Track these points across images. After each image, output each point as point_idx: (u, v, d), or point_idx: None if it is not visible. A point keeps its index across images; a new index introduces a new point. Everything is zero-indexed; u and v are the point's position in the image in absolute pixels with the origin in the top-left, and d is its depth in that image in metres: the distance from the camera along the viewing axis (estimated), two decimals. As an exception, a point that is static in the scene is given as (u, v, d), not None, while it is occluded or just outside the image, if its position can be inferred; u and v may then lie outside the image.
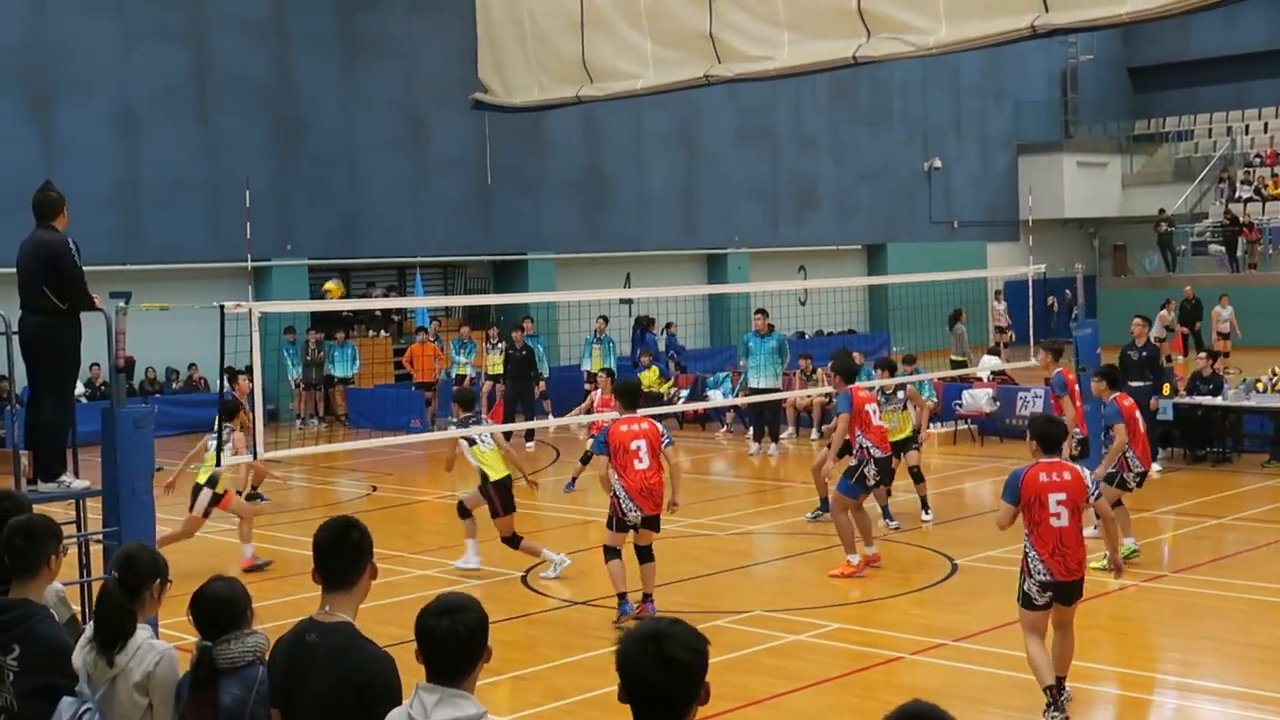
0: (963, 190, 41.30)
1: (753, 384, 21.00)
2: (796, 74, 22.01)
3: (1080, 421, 13.75)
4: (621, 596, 11.11)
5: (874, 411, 13.05)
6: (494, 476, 12.72)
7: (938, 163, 40.35)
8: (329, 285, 21.52)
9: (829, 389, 20.28)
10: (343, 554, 4.83)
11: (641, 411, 16.29)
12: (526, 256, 31.44)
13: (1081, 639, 10.69)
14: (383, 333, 30.05)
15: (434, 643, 4.22)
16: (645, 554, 11.36)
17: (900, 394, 15.50)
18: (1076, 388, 14.37)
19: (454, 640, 4.20)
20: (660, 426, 11.55)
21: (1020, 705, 9.27)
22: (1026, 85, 43.47)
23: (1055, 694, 8.44)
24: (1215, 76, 45.08)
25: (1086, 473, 8.69)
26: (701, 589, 12.68)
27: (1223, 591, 11.81)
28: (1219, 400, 18.21)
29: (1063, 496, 8.46)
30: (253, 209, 24.35)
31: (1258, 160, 42.59)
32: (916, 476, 15.50)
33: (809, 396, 22.70)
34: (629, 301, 30.41)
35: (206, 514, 13.71)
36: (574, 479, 18.12)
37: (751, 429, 22.07)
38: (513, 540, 12.78)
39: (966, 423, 22.14)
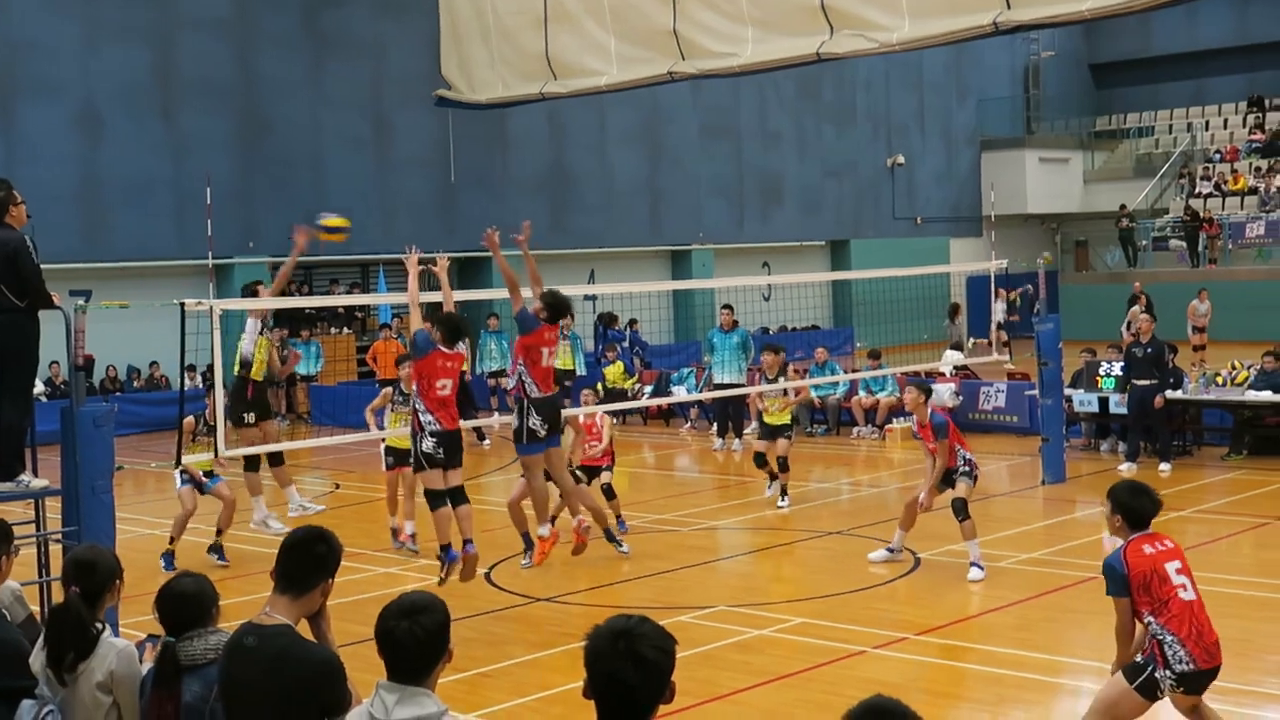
0: (926, 186, 41.47)
1: (717, 380, 21.04)
2: (760, 70, 22.05)
3: (952, 459, 12.99)
4: (444, 547, 10.98)
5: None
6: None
7: (901, 159, 40.51)
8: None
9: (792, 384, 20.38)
10: (304, 562, 4.82)
11: (605, 407, 16.32)
12: (490, 253, 31.34)
13: (1044, 629, 10.78)
14: (346, 330, 29.94)
15: (395, 644, 4.22)
16: (459, 495, 11.08)
17: (783, 379, 15.78)
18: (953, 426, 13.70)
19: (414, 642, 4.21)
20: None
21: (982, 698, 9.33)
22: (989, 82, 43.68)
23: None
24: (1176, 73, 45.45)
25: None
26: (666, 585, 12.69)
27: (1183, 584, 11.89)
28: (1179, 394, 18.34)
29: (1179, 564, 7.04)
30: (216, 207, 24.16)
31: (1218, 156, 42.92)
32: (783, 466, 15.73)
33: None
34: (593, 298, 30.41)
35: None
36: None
37: (715, 425, 22.11)
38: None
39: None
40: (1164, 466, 17.52)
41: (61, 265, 24.44)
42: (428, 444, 10.93)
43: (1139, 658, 7.06)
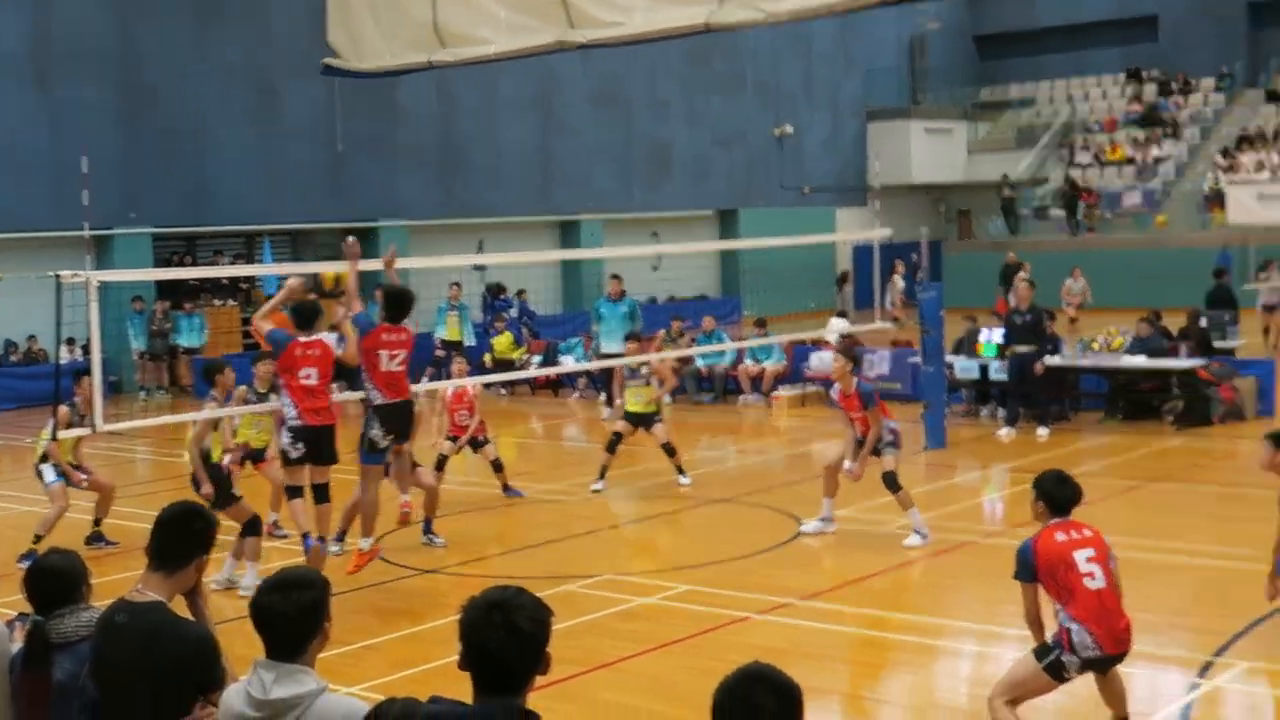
0: (813, 156, 41.79)
1: (604, 349, 21.07)
2: (650, 40, 22.00)
3: (888, 414, 13.14)
4: (305, 535, 11.06)
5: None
6: None
7: (789, 129, 40.76)
8: None
9: (684, 352, 20.48)
10: (179, 538, 4.76)
11: (495, 377, 16.24)
12: (379, 224, 31.09)
13: (924, 593, 10.99)
14: (230, 301, 29.53)
15: (269, 620, 4.20)
16: (321, 493, 11.03)
17: (644, 369, 15.44)
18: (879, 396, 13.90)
19: (286, 619, 4.19)
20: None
21: (865, 660, 9.51)
22: (876, 53, 44.06)
23: None
24: (1057, 45, 46.23)
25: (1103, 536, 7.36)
26: (553, 554, 12.74)
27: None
28: (1057, 360, 18.72)
29: (1091, 553, 7.11)
30: (95, 178, 23.58)
31: (1097, 127, 43.77)
32: (669, 450, 15.34)
33: (664, 360, 22.81)
34: (482, 268, 30.27)
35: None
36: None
37: (603, 394, 22.16)
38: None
39: (815, 384, 22.47)
40: (1042, 431, 17.90)
41: (-67, 236, 23.86)
42: (285, 439, 10.90)
43: (1049, 638, 7.18)
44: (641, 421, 15.42)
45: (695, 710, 8.26)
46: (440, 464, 14.40)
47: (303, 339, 11.14)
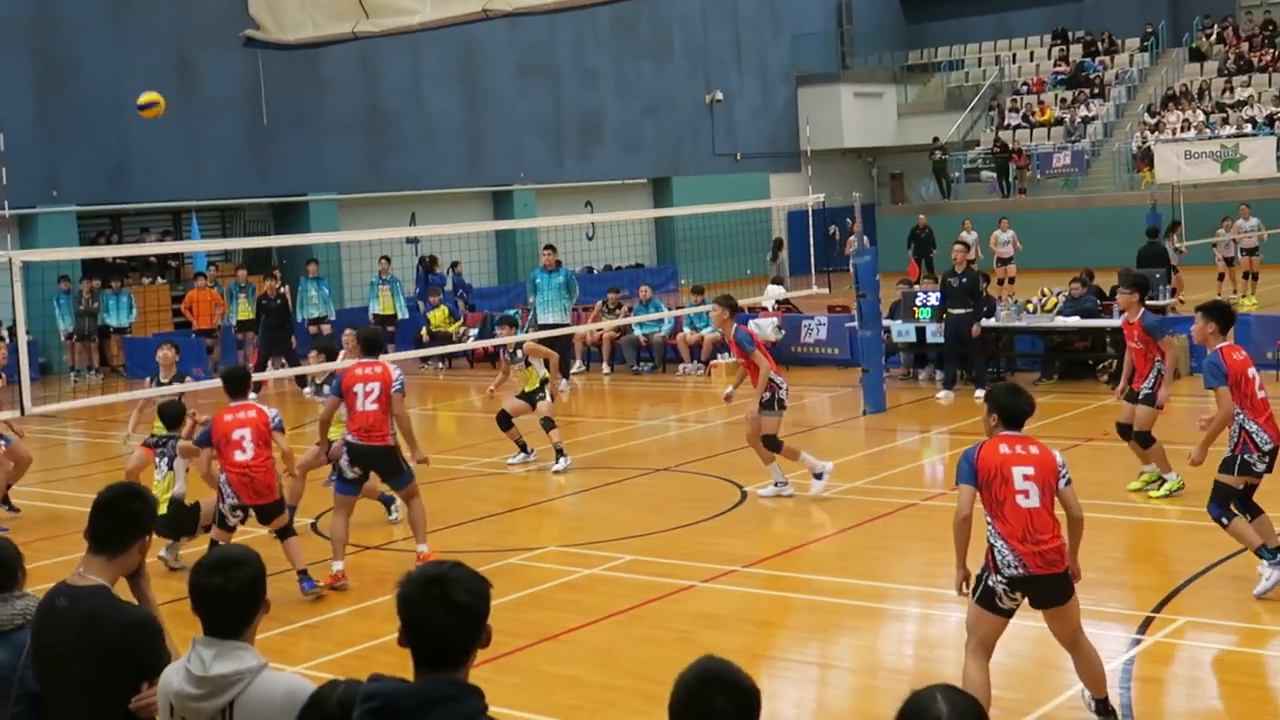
0: (744, 122, 41.75)
1: (541, 320, 20.95)
2: (575, 8, 21.94)
3: (777, 368, 13.27)
4: (302, 573, 10.27)
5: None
6: None
7: (719, 95, 40.69)
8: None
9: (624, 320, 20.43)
10: (117, 520, 4.68)
11: (431, 350, 16.02)
12: (307, 198, 30.76)
13: (867, 557, 11.01)
14: (159, 279, 29.11)
15: (208, 599, 4.16)
16: (283, 533, 10.45)
17: (520, 352, 15.31)
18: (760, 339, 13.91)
19: (225, 597, 4.15)
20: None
21: (808, 625, 9.50)
22: (803, 17, 44.05)
23: (1104, 710, 7.20)
24: (983, 7, 46.36)
25: (1059, 454, 7.17)
26: (494, 527, 12.65)
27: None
28: (992, 321, 18.82)
29: (1030, 470, 6.97)
30: (14, 154, 23.19)
31: (1025, 88, 44.03)
32: (548, 425, 14.99)
33: (600, 330, 22.77)
34: (415, 241, 30.03)
35: None
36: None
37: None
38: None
39: (753, 352, 22.47)
40: (979, 393, 17.94)
41: None
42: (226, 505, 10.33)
43: (978, 570, 7.11)
44: (531, 399, 15.13)
45: (641, 680, 8.27)
46: None
47: (231, 404, 10.51)
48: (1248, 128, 36.79)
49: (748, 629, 9.25)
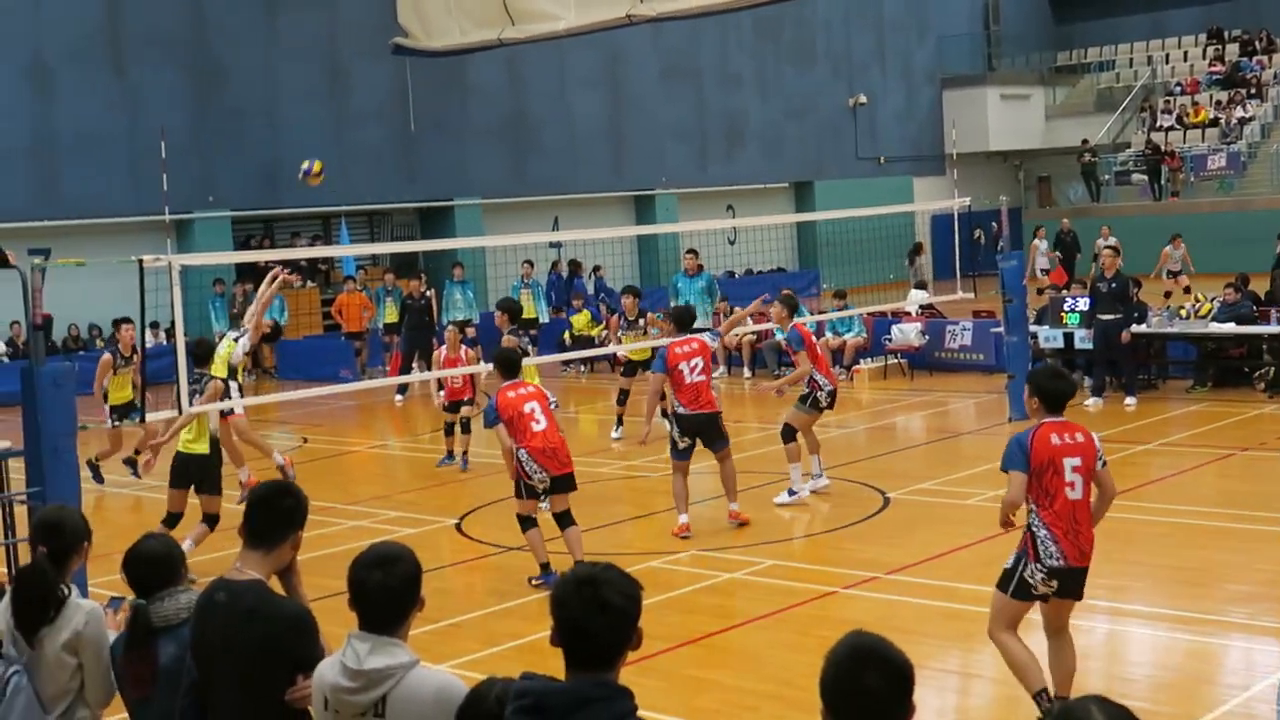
0: (888, 125, 41.39)
1: (684, 325, 20.94)
2: (721, 12, 21.93)
3: (827, 371, 13.46)
4: (544, 566, 10.68)
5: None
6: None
7: (863, 98, 40.39)
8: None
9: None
10: (271, 515, 4.78)
11: (573, 354, 16.63)
12: (453, 203, 31.21)
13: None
14: (310, 283, 29.75)
15: (365, 594, 4.22)
16: (564, 519, 10.77)
17: (642, 321, 17.06)
18: (814, 340, 14.01)
19: (385, 592, 4.22)
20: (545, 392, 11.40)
21: (950, 634, 9.39)
22: (949, 19, 43.54)
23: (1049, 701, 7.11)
24: (1135, 6, 45.36)
25: (1095, 436, 7.26)
26: (636, 530, 12.71)
27: (1150, 516, 11.99)
28: (1144, 328, 18.41)
29: (1078, 462, 7.01)
30: (172, 161, 23.89)
31: (1178, 89, 42.97)
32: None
33: (738, 336, 22.71)
34: (558, 245, 30.28)
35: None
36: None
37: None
38: None
39: (896, 357, 22.29)
40: (1129, 400, 17.61)
41: (16, 224, 24.20)
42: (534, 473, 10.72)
43: (1009, 561, 7.15)
44: (634, 370, 16.86)
45: (783, 685, 8.24)
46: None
47: (509, 382, 10.92)
48: None
49: (890, 636, 9.14)
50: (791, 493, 13.18)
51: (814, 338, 13.81)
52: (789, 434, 13.18)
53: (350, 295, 25.86)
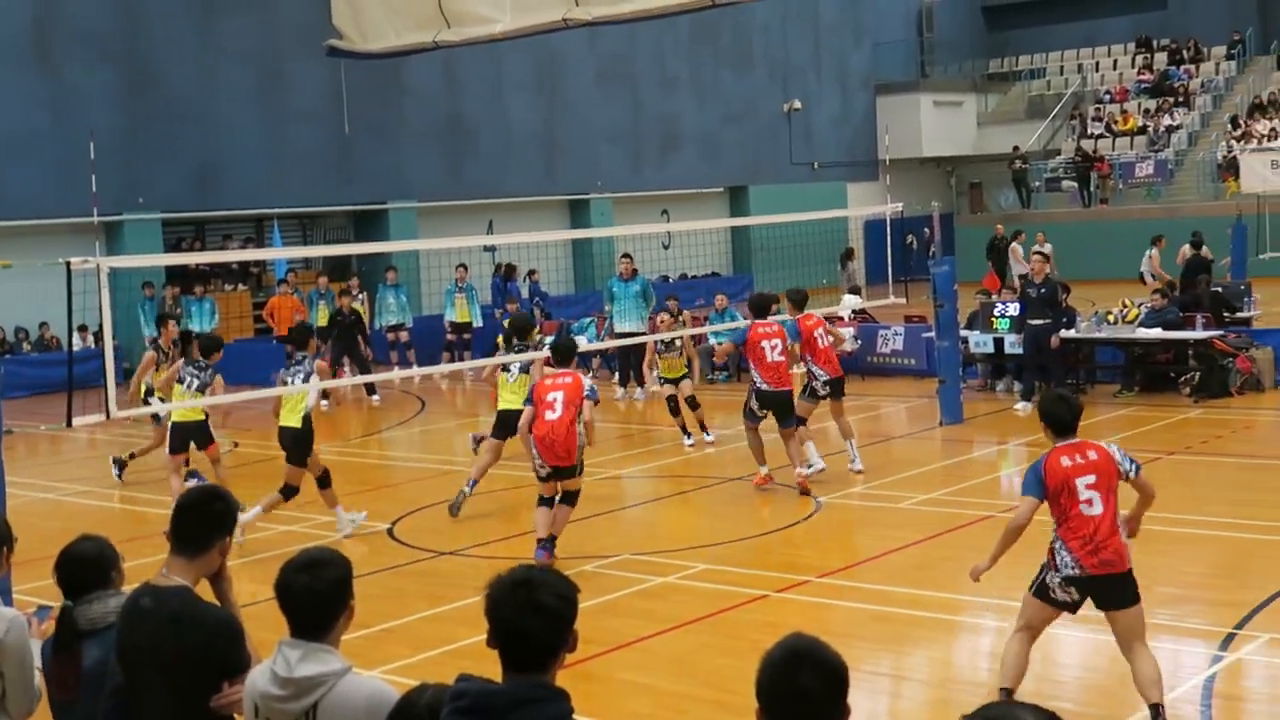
0: (823, 131, 41.62)
1: (618, 329, 21.01)
2: (655, 16, 21.95)
3: (825, 362, 14.10)
4: (539, 540, 11.25)
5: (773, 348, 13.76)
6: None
7: (798, 104, 40.59)
8: None
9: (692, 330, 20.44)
10: (200, 520, 4.73)
11: (508, 358, 16.56)
12: (387, 205, 31.05)
13: (943, 568, 10.93)
14: (241, 286, 29.49)
15: (293, 598, 4.20)
16: (566, 498, 11.45)
17: (677, 343, 17.35)
18: (816, 334, 14.31)
19: (312, 596, 4.19)
20: (586, 381, 11.47)
21: (882, 637, 9.45)
22: (884, 25, 43.85)
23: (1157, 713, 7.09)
24: (1066, 15, 45.94)
25: (1115, 448, 7.42)
26: (570, 534, 12.67)
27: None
28: (1072, 333, 18.62)
29: (1092, 479, 7.18)
30: (101, 162, 23.64)
31: (1108, 97, 43.52)
32: (692, 404, 16.87)
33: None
34: (492, 248, 30.20)
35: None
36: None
37: (617, 374, 22.10)
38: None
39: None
40: (1023, 405, 17.82)
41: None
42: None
43: (1040, 565, 7.42)
44: (674, 382, 17.20)
45: (714, 689, 8.27)
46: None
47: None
48: (1337, 137, 36.13)
49: (822, 639, 9.21)
50: (809, 465, 13.80)
51: (815, 331, 14.26)
52: (798, 421, 13.83)
53: (282, 298, 25.64)
